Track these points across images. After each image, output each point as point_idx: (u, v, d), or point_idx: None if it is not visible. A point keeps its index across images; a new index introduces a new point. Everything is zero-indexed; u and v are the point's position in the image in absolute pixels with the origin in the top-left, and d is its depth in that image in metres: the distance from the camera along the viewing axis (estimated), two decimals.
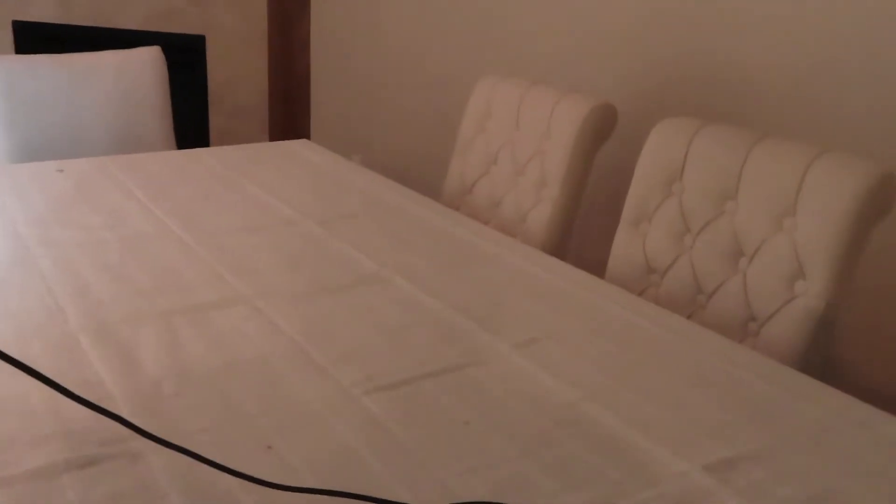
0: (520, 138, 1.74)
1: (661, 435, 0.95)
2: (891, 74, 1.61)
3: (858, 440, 0.96)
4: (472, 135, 1.87)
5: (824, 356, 1.22)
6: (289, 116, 3.83)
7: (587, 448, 0.92)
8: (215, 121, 3.75)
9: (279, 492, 0.80)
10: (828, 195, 1.18)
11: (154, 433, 0.81)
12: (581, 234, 1.83)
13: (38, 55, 2.10)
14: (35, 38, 3.59)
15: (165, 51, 2.39)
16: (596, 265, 1.55)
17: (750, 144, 1.30)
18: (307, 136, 3.82)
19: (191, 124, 3.74)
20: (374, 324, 1.19)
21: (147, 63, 2.17)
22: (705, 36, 1.94)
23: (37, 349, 1.06)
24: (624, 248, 1.47)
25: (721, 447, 0.93)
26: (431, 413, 0.97)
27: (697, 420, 0.98)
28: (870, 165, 1.17)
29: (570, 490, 0.84)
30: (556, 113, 1.66)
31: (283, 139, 2.79)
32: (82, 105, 2.11)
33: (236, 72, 3.72)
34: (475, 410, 0.98)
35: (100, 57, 2.16)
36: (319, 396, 0.99)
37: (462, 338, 1.16)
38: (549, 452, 0.91)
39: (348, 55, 3.43)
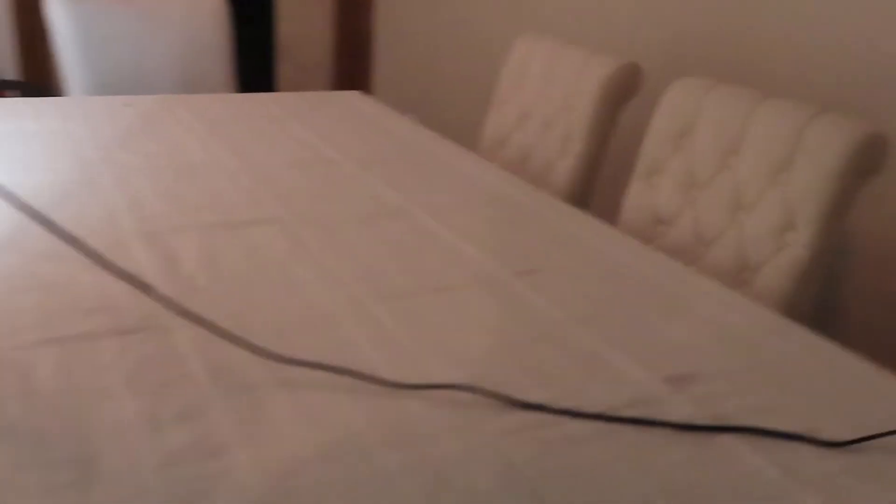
0: (550, 95, 1.83)
1: (631, 353, 1.05)
2: None
3: (813, 367, 1.05)
4: (509, 91, 1.96)
5: (816, 304, 1.29)
6: (352, 72, 3.97)
7: (562, 357, 1.03)
8: (283, 73, 3.92)
9: (280, 366, 0.94)
10: (819, 152, 1.25)
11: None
12: (609, 187, 1.91)
13: None
14: None
15: (236, 4, 2.53)
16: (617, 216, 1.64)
17: (755, 103, 1.37)
18: (369, 92, 3.96)
19: (260, 75, 3.92)
20: (390, 248, 1.31)
21: (210, 10, 2.33)
22: (741, 7, 1.98)
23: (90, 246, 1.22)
24: (636, 199, 1.56)
25: (683, 365, 1.03)
26: (428, 320, 1.09)
27: (669, 344, 1.08)
28: (860, 125, 1.23)
29: (538, 387, 0.96)
30: (583, 71, 1.74)
31: None
32: (150, 47, 2.28)
33: (303, 27, 3.87)
34: (469, 321, 1.10)
35: (168, 2, 2.32)
36: (331, 301, 1.12)
37: (468, 264, 1.28)
38: (528, 357, 1.02)
39: (409, 16, 3.54)
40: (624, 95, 1.70)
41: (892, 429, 0.92)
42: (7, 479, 0.73)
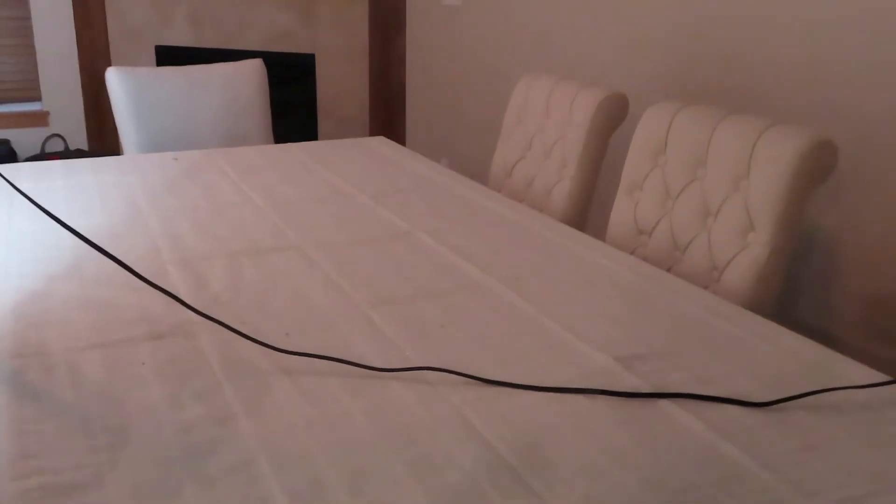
0: (548, 126, 2.00)
1: (591, 338, 1.19)
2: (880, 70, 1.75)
3: (755, 345, 1.17)
4: (513, 125, 2.14)
5: (775, 296, 1.41)
6: (387, 124, 4.21)
7: (531, 344, 1.18)
8: (324, 128, 4.19)
9: (283, 358, 1.11)
10: (772, 159, 1.38)
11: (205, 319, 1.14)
12: (606, 206, 2.05)
13: (162, 67, 2.54)
14: (172, 59, 4.15)
15: (281, 68, 2.76)
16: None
17: (717, 120, 1.51)
18: (403, 143, 4.19)
19: (303, 131, 4.20)
20: (392, 264, 1.49)
21: (250, 73, 2.58)
22: (720, 43, 2.13)
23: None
24: (620, 214, 1.70)
25: (636, 347, 1.17)
26: (416, 320, 1.26)
27: (627, 331, 1.22)
28: (808, 133, 1.36)
29: (505, 368, 1.11)
30: (575, 102, 1.91)
31: None
32: (196, 108, 2.54)
33: (341, 85, 4.14)
34: (451, 319, 1.26)
35: (212, 68, 2.59)
36: (334, 306, 1.30)
37: (459, 274, 1.44)
38: (499, 345, 1.17)
39: (437, 70, 3.77)
40: (612, 122, 1.86)
41: (810, 390, 1.04)
42: (57, 443, 0.92)
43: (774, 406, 1.02)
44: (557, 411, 1.01)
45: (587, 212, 1.91)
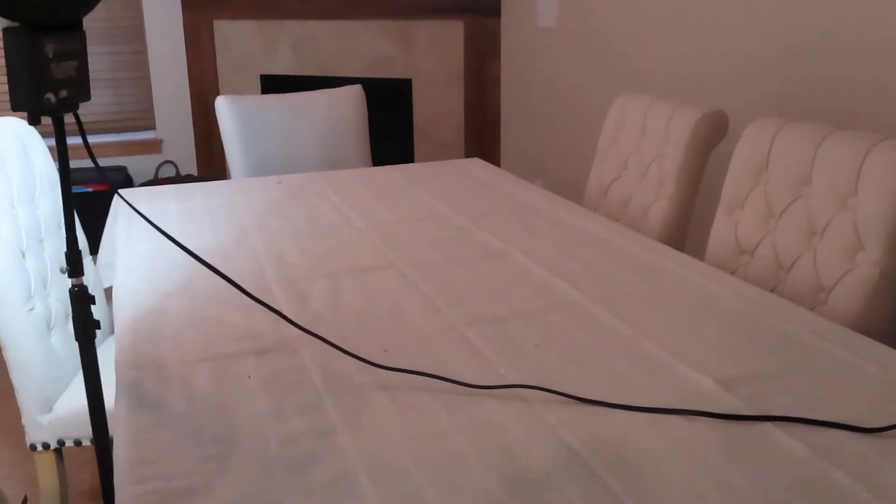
0: (645, 145, 1.97)
1: (690, 360, 1.17)
2: None
3: (864, 367, 1.12)
4: (608, 145, 2.13)
5: (888, 319, 1.35)
6: (482, 146, 4.25)
7: (626, 364, 1.16)
8: (421, 151, 4.26)
9: (381, 373, 1.14)
10: (882, 176, 1.33)
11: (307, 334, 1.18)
12: (706, 225, 2.00)
13: (267, 95, 2.65)
14: (276, 87, 4.32)
15: (378, 93, 2.83)
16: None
17: (822, 136, 1.46)
18: (498, 164, 4.22)
19: (400, 153, 4.28)
20: (487, 284, 1.50)
21: (350, 99, 2.66)
22: (822, 63, 2.06)
23: None
24: (720, 233, 1.66)
25: (737, 369, 1.14)
26: (511, 339, 1.26)
27: (728, 353, 1.19)
28: None
29: (601, 387, 1.10)
30: (672, 121, 1.88)
31: None
32: (299, 133, 2.63)
33: (438, 109, 4.21)
34: (546, 338, 1.26)
35: (313, 95, 2.68)
36: (430, 324, 1.32)
37: (554, 293, 1.44)
38: (595, 364, 1.17)
39: (532, 91, 3.79)
40: (711, 140, 1.82)
41: None
42: (170, 451, 0.97)
43: (886, 432, 0.97)
44: (655, 433, 1.00)
45: (686, 231, 1.88)
